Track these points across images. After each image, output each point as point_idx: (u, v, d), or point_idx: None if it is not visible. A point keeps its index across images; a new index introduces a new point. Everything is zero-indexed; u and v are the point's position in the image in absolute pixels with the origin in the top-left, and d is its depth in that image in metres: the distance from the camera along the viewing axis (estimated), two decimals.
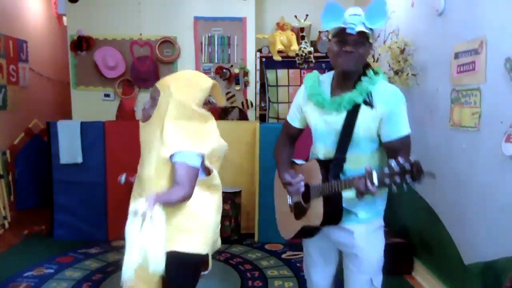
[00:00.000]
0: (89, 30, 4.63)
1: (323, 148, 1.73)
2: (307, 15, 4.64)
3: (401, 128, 1.61)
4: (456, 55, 2.62)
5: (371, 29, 1.58)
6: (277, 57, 4.65)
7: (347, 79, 1.66)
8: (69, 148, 3.90)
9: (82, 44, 4.60)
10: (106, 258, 3.57)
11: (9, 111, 4.69)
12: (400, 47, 3.34)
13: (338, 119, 1.65)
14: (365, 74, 1.64)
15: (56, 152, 3.91)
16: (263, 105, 4.87)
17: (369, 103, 1.60)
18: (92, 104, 4.70)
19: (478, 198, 2.43)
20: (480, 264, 2.41)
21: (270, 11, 5.02)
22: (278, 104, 4.77)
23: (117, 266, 3.40)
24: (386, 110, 1.59)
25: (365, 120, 1.61)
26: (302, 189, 1.74)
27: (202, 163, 1.86)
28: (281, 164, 1.89)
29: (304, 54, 4.50)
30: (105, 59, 4.59)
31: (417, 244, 3.26)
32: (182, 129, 1.83)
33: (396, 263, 3.24)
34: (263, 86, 4.82)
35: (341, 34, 1.57)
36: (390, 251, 3.18)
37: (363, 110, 1.61)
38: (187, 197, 1.78)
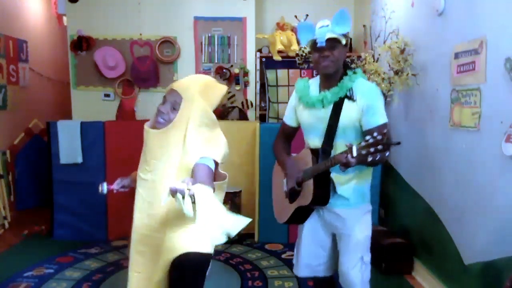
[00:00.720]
0: (89, 30, 4.63)
1: (314, 139, 2.00)
2: (307, 15, 4.64)
3: (379, 118, 1.87)
4: (456, 55, 2.62)
5: (343, 34, 1.87)
6: (277, 57, 4.65)
7: (330, 80, 1.95)
8: (69, 148, 3.90)
9: (82, 44, 4.60)
10: (106, 258, 3.57)
11: (9, 111, 4.69)
12: (400, 47, 3.34)
13: (326, 113, 1.94)
14: (345, 74, 1.94)
15: (56, 152, 3.91)
16: (263, 105, 4.87)
17: (350, 97, 1.90)
18: (92, 104, 4.70)
19: (478, 198, 2.43)
20: (480, 264, 2.41)
21: (270, 11, 5.02)
22: (278, 104, 4.76)
23: (117, 266, 3.41)
24: (365, 102, 1.88)
25: (348, 112, 1.89)
26: (297, 175, 1.99)
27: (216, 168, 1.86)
28: (280, 154, 2.17)
29: (304, 54, 4.50)
30: (105, 59, 4.59)
31: (417, 244, 3.26)
32: (203, 136, 1.83)
33: (396, 263, 3.25)
34: (263, 86, 4.82)
35: (316, 45, 1.89)
36: (390, 251, 3.23)
37: (346, 103, 1.90)
38: None
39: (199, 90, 1.84)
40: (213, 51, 4.76)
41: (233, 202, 3.85)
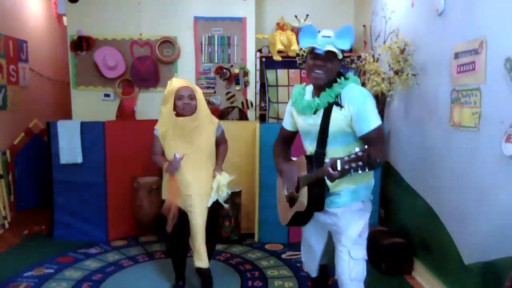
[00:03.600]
0: (89, 30, 4.63)
1: (309, 145, 2.07)
2: (307, 15, 4.64)
3: (370, 122, 1.88)
4: (456, 55, 2.62)
5: (341, 50, 1.90)
6: (277, 57, 4.65)
7: (321, 88, 1.98)
8: (69, 148, 3.89)
9: (82, 44, 4.60)
10: (106, 258, 3.57)
11: (9, 111, 4.70)
12: (400, 47, 3.34)
13: (316, 120, 1.98)
14: (336, 81, 1.95)
15: (56, 152, 3.91)
16: (263, 105, 4.87)
17: (338, 104, 1.92)
18: (92, 104, 4.70)
19: (478, 198, 2.43)
20: (480, 264, 2.41)
21: (270, 11, 5.02)
22: (278, 104, 4.77)
23: (117, 266, 3.41)
24: (354, 109, 1.89)
25: (337, 119, 1.92)
26: (294, 180, 2.07)
27: None
28: (278, 159, 2.24)
29: (304, 54, 4.50)
30: (105, 59, 4.59)
31: (417, 244, 3.26)
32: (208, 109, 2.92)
33: (396, 263, 3.25)
34: (263, 86, 4.82)
35: (314, 52, 1.91)
36: (390, 251, 3.23)
37: (335, 110, 1.93)
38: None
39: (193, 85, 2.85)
40: (213, 51, 4.76)
41: (233, 202, 3.84)
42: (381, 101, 3.83)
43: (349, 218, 2.03)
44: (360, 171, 1.60)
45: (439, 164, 2.89)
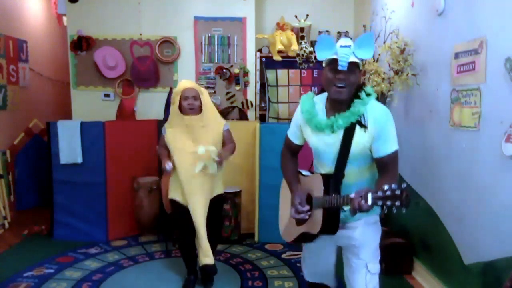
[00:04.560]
0: (89, 30, 4.63)
1: (324, 164, 1.92)
2: (307, 15, 4.64)
3: (390, 145, 1.80)
4: (456, 55, 2.62)
5: (361, 59, 1.76)
6: (277, 57, 4.65)
7: (341, 103, 1.82)
8: (69, 148, 3.90)
9: (82, 44, 4.60)
10: (106, 258, 3.57)
11: (9, 111, 4.70)
12: (400, 47, 3.34)
13: (335, 140, 1.83)
14: (357, 96, 1.80)
15: (56, 152, 3.91)
16: (263, 105, 4.87)
17: (363, 125, 1.78)
18: (92, 104, 4.70)
19: (478, 198, 2.43)
20: (480, 264, 2.41)
21: (270, 11, 5.02)
22: (278, 104, 4.77)
23: (117, 266, 3.41)
24: (377, 129, 1.78)
25: (360, 140, 1.79)
26: (306, 217, 1.91)
27: None
28: (289, 178, 2.08)
29: (305, 54, 4.51)
30: (105, 59, 4.59)
31: (417, 244, 3.26)
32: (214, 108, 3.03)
33: (396, 263, 3.25)
34: (263, 86, 4.82)
35: (333, 63, 1.74)
36: (390, 251, 3.23)
37: (358, 130, 1.79)
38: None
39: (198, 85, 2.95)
40: (213, 51, 4.76)
41: (233, 202, 3.85)
42: (381, 101, 3.82)
43: (368, 232, 1.94)
44: (394, 211, 1.47)
45: (439, 164, 2.89)
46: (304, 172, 2.09)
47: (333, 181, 1.83)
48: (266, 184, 3.81)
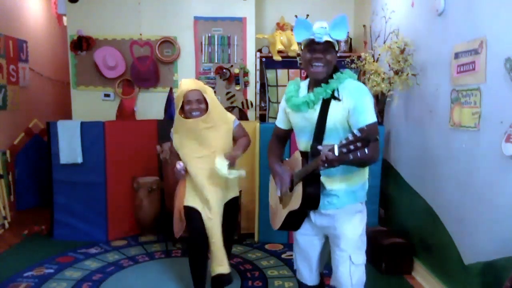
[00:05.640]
0: (89, 30, 4.63)
1: (303, 140, 1.99)
2: (307, 15, 4.64)
3: (367, 117, 1.83)
4: (456, 55, 2.62)
5: (336, 40, 1.87)
6: (277, 57, 4.65)
7: (319, 83, 1.93)
8: (69, 148, 3.89)
9: (82, 44, 4.60)
10: (106, 258, 3.57)
11: (9, 111, 4.70)
12: (400, 47, 3.34)
13: (313, 114, 1.92)
14: (332, 77, 1.91)
15: (56, 152, 3.91)
16: (263, 105, 4.87)
17: (337, 98, 1.87)
18: (92, 104, 4.70)
19: (478, 198, 2.43)
20: (480, 264, 2.41)
21: (270, 11, 5.02)
22: (278, 104, 4.76)
23: (117, 266, 3.41)
24: (352, 102, 1.84)
25: (335, 112, 1.87)
26: (288, 179, 1.99)
27: None
28: (271, 159, 2.17)
29: None
30: (105, 59, 4.59)
31: (417, 244, 3.26)
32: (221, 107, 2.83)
33: (396, 263, 3.25)
34: (263, 86, 4.82)
35: (311, 44, 1.87)
36: (390, 251, 3.23)
37: (333, 104, 1.87)
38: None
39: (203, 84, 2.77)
40: (213, 51, 4.76)
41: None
42: (381, 101, 3.83)
43: (349, 221, 1.95)
44: (359, 154, 1.50)
45: (439, 164, 2.89)
46: (287, 159, 2.16)
47: (311, 154, 1.89)
48: (266, 184, 3.78)
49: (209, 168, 2.60)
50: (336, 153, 1.53)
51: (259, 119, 4.80)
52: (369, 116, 1.83)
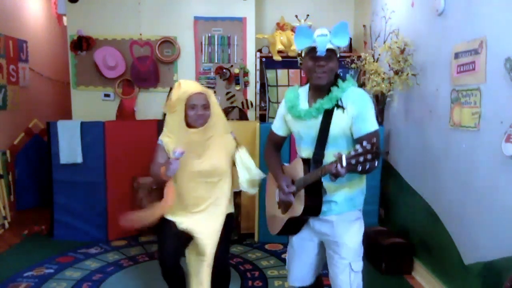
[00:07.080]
0: (89, 30, 4.63)
1: (305, 148, 1.98)
2: (307, 15, 4.65)
3: (369, 125, 1.85)
4: (456, 55, 2.62)
5: (338, 47, 1.87)
6: (277, 57, 4.65)
7: (320, 90, 1.93)
8: (69, 148, 3.90)
9: (82, 44, 4.60)
10: (106, 258, 3.57)
11: (9, 111, 4.70)
12: (400, 47, 3.34)
13: (316, 122, 1.91)
14: (335, 84, 1.90)
15: (56, 152, 3.91)
16: (263, 105, 4.87)
17: (340, 106, 1.87)
18: (92, 104, 4.69)
19: (478, 198, 2.43)
20: (480, 264, 2.41)
21: (270, 11, 5.02)
22: (278, 104, 4.76)
23: (117, 266, 3.41)
24: (355, 110, 1.85)
25: (339, 120, 1.87)
26: (293, 199, 1.95)
27: None
28: (274, 169, 2.13)
29: None
30: (105, 59, 4.59)
31: (417, 244, 3.26)
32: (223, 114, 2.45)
33: (396, 263, 3.25)
34: (263, 86, 4.82)
35: (313, 52, 1.85)
36: (390, 251, 3.23)
37: (336, 112, 1.87)
38: None
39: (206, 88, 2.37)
40: (213, 51, 4.76)
41: (233, 202, 3.84)
42: (381, 101, 3.83)
43: (348, 229, 1.95)
44: (368, 166, 1.53)
45: (439, 164, 2.89)
46: (287, 164, 2.15)
47: (313, 161, 1.90)
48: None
49: (204, 183, 2.32)
50: (344, 164, 1.57)
51: (259, 119, 4.80)
52: (373, 124, 1.86)
